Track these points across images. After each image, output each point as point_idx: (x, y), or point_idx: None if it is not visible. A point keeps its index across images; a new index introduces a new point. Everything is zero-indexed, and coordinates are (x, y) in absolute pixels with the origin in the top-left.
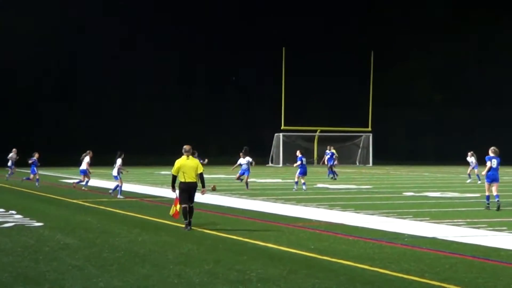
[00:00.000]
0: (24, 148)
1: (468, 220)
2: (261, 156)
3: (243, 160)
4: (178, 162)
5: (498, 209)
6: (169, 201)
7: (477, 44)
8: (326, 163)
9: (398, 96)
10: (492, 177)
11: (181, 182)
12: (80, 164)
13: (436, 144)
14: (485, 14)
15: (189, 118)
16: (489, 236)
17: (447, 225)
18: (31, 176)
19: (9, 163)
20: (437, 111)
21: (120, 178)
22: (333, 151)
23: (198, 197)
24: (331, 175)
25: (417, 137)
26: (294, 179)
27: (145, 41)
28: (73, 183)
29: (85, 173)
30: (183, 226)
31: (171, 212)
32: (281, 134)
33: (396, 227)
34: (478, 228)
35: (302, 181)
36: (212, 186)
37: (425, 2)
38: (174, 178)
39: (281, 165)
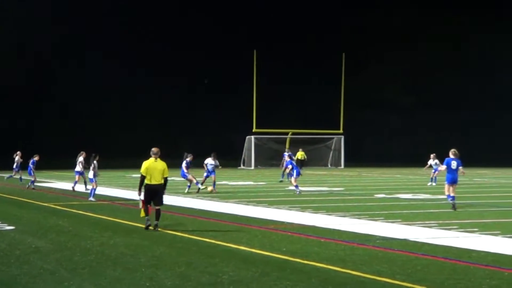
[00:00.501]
0: None
1: (439, 221)
2: (233, 159)
3: (211, 161)
4: (146, 164)
5: (454, 208)
6: (137, 204)
7: (448, 47)
8: (283, 165)
9: (370, 98)
10: (452, 179)
11: (146, 184)
12: (74, 166)
13: (407, 146)
14: (456, 17)
15: (161, 120)
16: (460, 237)
17: (418, 226)
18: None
19: (14, 165)
20: (409, 113)
21: (96, 181)
22: (296, 153)
23: (172, 200)
24: (281, 179)
25: (389, 139)
26: (264, 182)
27: (117, 42)
28: (72, 187)
29: (80, 174)
30: (144, 226)
31: (142, 214)
32: (252, 136)
33: (368, 229)
34: (450, 229)
35: (295, 183)
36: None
37: (397, 5)
38: (143, 178)
39: (252, 167)
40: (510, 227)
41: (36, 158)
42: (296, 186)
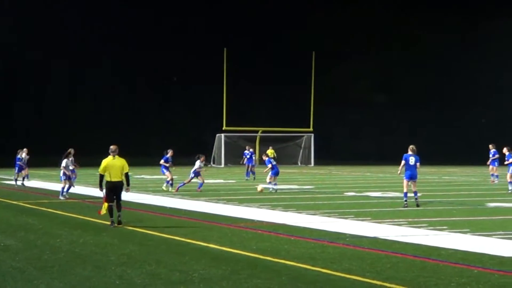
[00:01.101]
0: None
1: (409, 219)
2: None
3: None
4: (105, 162)
5: (417, 206)
6: None
7: (418, 45)
8: (244, 163)
9: (340, 96)
10: (410, 174)
11: (107, 182)
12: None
13: (377, 144)
14: (425, 17)
15: (130, 118)
16: (430, 235)
17: (388, 224)
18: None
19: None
20: (379, 112)
21: (65, 179)
22: (252, 150)
23: (142, 198)
24: (247, 177)
25: (359, 137)
26: (234, 180)
27: (87, 41)
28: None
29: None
30: (109, 223)
31: (103, 211)
32: (222, 134)
33: (338, 227)
34: (419, 227)
35: (274, 182)
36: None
37: (367, 4)
38: (102, 177)
39: (222, 165)
40: (479, 225)
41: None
42: (275, 184)
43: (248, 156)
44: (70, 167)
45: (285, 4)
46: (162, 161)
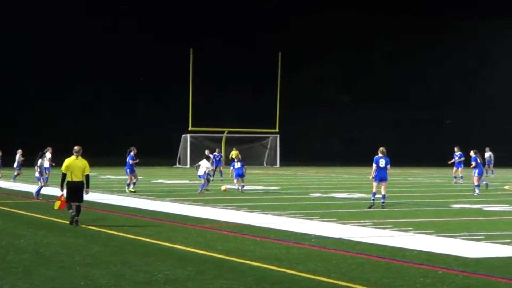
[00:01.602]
0: None
1: (374, 220)
2: (169, 157)
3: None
4: (67, 161)
5: (382, 207)
6: None
7: (384, 47)
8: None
9: (306, 97)
10: (381, 177)
11: (68, 181)
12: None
13: (343, 145)
14: (392, 17)
15: (97, 118)
16: (394, 236)
17: (353, 225)
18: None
19: (15, 165)
20: (344, 113)
21: (43, 179)
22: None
23: (107, 198)
24: (212, 178)
25: (324, 138)
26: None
27: (53, 39)
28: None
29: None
30: (68, 222)
31: (56, 206)
32: (188, 135)
33: (303, 228)
34: (384, 228)
35: (241, 183)
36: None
37: (333, 5)
38: (64, 176)
39: (188, 166)
40: (444, 226)
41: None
42: (242, 186)
43: (217, 159)
44: (46, 165)
45: (251, 5)
46: (129, 160)
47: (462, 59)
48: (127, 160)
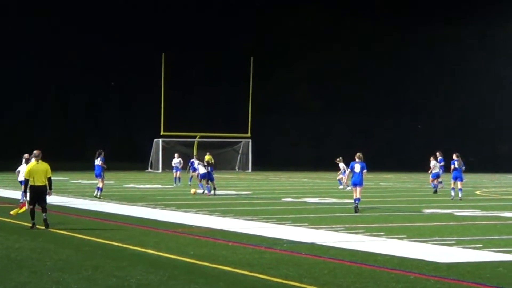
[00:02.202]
0: None
1: (346, 225)
2: (141, 162)
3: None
4: (29, 166)
5: (355, 211)
6: (49, 207)
7: (355, 53)
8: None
9: (278, 102)
10: (354, 181)
11: (31, 186)
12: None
13: (315, 150)
14: (364, 23)
15: (68, 122)
16: (366, 241)
17: (325, 230)
18: None
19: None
20: (316, 118)
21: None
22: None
23: (78, 203)
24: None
25: (296, 143)
26: (171, 185)
27: (23, 40)
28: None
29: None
30: (30, 225)
31: (13, 212)
32: (160, 139)
33: (275, 233)
34: (356, 233)
35: (206, 184)
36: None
37: (306, 10)
38: (27, 182)
39: (160, 170)
40: (416, 231)
41: None
42: (207, 187)
43: (195, 165)
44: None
45: (223, 9)
46: (100, 162)
47: (434, 64)
48: (97, 163)
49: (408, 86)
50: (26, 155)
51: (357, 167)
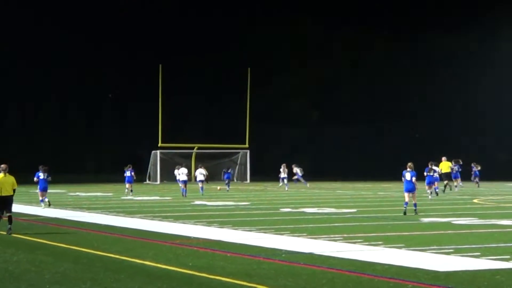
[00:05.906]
0: None
1: (344, 235)
2: (139, 173)
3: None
4: None
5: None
6: (42, 220)
7: (352, 62)
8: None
9: (275, 113)
10: (408, 188)
11: None
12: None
13: (312, 160)
14: (360, 33)
15: (66, 135)
16: (365, 250)
17: (324, 240)
18: None
19: None
20: (314, 128)
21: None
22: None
23: (77, 215)
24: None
25: (294, 153)
26: (170, 196)
27: (17, 54)
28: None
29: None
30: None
31: None
32: (158, 151)
33: (274, 243)
34: (355, 243)
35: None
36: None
37: (303, 20)
38: None
39: (158, 182)
40: (414, 240)
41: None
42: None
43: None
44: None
45: (220, 20)
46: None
47: (429, 73)
48: (44, 178)
49: (405, 95)
50: None
51: (408, 175)
